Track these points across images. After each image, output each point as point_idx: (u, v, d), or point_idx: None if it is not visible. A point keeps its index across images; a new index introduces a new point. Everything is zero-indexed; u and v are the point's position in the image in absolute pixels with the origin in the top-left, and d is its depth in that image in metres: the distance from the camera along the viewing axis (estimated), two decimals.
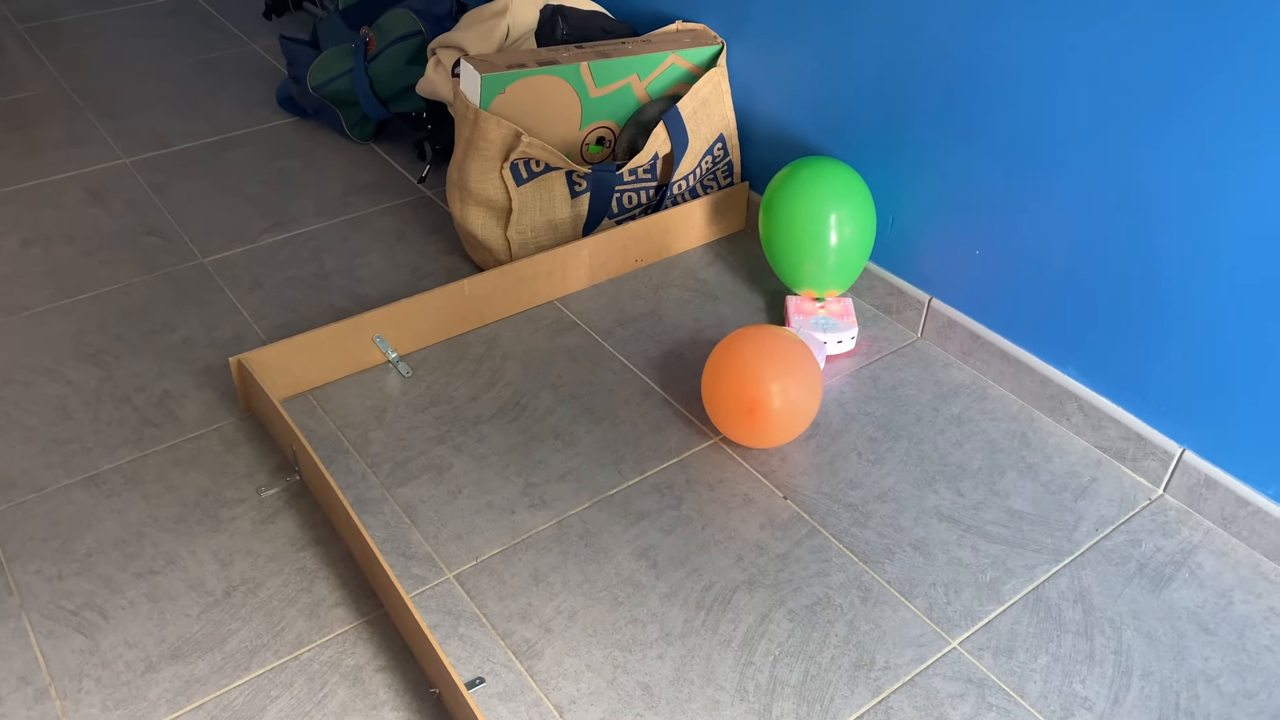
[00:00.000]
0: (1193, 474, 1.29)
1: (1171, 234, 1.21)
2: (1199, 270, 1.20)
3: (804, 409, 1.31)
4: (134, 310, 1.61)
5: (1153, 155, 1.19)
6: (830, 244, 1.50)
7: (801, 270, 1.53)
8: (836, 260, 1.51)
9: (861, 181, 1.52)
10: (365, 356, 1.49)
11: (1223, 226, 1.15)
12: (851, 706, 1.07)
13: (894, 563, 1.23)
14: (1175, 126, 1.16)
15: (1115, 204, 1.25)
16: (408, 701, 1.07)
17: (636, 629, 1.15)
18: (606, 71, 1.60)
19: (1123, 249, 1.27)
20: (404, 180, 1.95)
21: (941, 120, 1.41)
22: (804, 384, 1.30)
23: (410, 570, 1.20)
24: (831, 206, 1.49)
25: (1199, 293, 1.21)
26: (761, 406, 1.28)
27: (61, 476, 1.32)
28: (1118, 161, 1.23)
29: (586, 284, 1.67)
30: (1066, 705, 1.08)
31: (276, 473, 1.33)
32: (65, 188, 1.91)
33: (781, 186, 1.53)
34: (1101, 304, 1.32)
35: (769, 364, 1.29)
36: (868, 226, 1.51)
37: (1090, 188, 1.27)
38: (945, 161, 1.43)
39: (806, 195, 1.50)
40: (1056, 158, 1.29)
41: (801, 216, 1.50)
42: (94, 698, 1.07)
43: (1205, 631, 1.16)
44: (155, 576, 1.19)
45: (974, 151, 1.39)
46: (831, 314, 1.53)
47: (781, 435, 1.32)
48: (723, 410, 1.32)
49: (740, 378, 1.29)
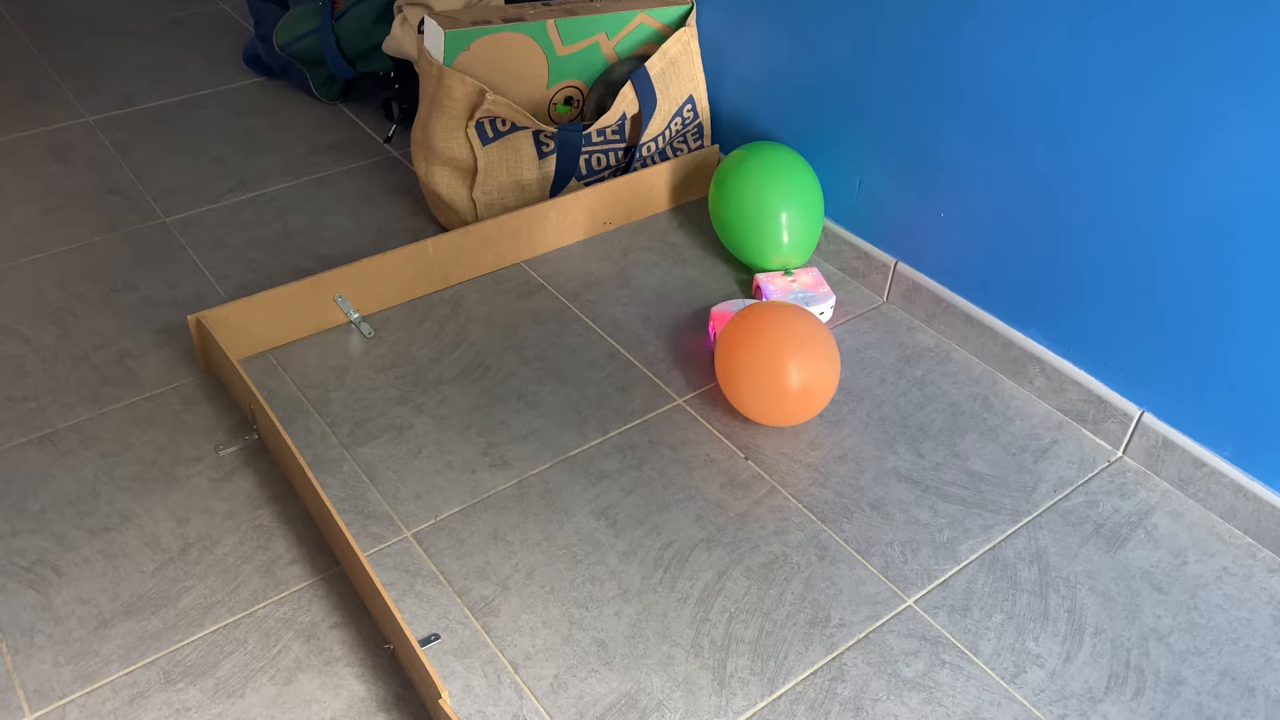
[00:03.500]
0: (1151, 436, 1.29)
1: (1133, 199, 1.21)
2: (1160, 234, 1.20)
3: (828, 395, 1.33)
4: (94, 269, 1.59)
5: (1117, 119, 1.18)
6: (783, 241, 1.52)
7: (763, 258, 1.55)
8: (791, 243, 1.53)
9: (795, 156, 1.55)
10: (327, 316, 1.47)
11: (1184, 192, 1.15)
12: (806, 663, 1.08)
13: (852, 522, 1.23)
14: (1139, 90, 1.15)
15: (1079, 168, 1.25)
16: (362, 658, 1.07)
17: (594, 586, 1.15)
18: (574, 29, 1.58)
19: (1087, 213, 1.27)
20: (370, 140, 1.93)
21: (908, 82, 1.40)
22: (835, 370, 1.33)
23: (368, 529, 1.20)
24: (774, 205, 1.51)
25: (1160, 257, 1.21)
26: (814, 390, 1.29)
27: (16, 434, 1.30)
28: (1082, 125, 1.22)
29: (553, 246, 1.66)
30: (1019, 662, 1.09)
31: (235, 431, 1.32)
32: (26, 145, 1.88)
33: (721, 189, 1.56)
34: (1064, 268, 1.32)
35: (817, 349, 1.29)
36: (814, 207, 1.54)
37: (1054, 152, 1.26)
38: (911, 124, 1.43)
39: (745, 199, 1.52)
40: (1021, 121, 1.29)
41: (748, 217, 1.52)
42: (45, 653, 1.06)
43: (1158, 590, 1.17)
44: (110, 533, 1.18)
45: (940, 114, 1.38)
46: (806, 286, 1.52)
47: (807, 415, 1.33)
48: (765, 388, 1.28)
49: (798, 359, 1.27)
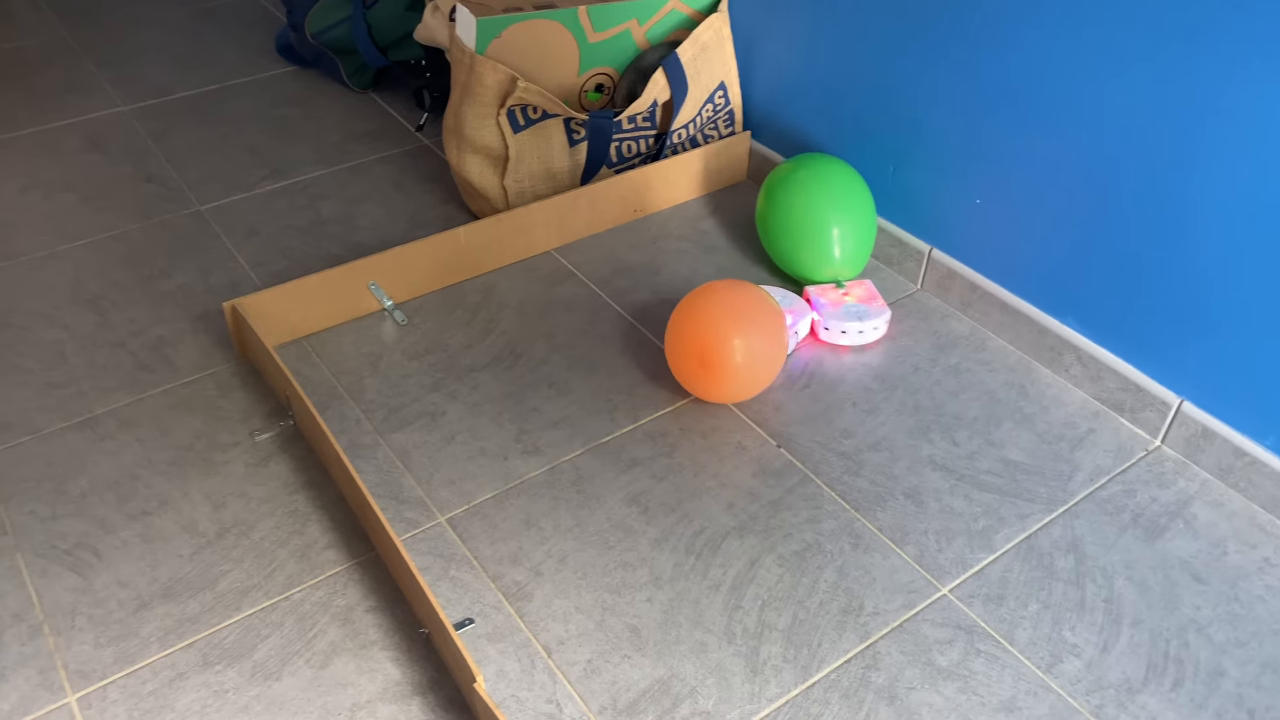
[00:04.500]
0: (1191, 425, 1.27)
1: (1171, 183, 1.19)
2: (1199, 219, 1.18)
3: (760, 363, 1.29)
4: (131, 257, 1.61)
5: (1153, 104, 1.17)
6: (834, 255, 1.48)
7: (813, 270, 1.50)
8: (844, 257, 1.49)
9: (845, 167, 1.51)
10: (361, 304, 1.48)
11: (1223, 176, 1.13)
12: (839, 651, 1.08)
13: (885, 510, 1.22)
14: (1176, 73, 1.13)
15: (1115, 153, 1.23)
16: (396, 641, 1.08)
17: (626, 573, 1.15)
18: (605, 16, 1.58)
19: (1122, 198, 1.25)
20: (402, 128, 1.94)
21: (943, 67, 1.39)
22: (763, 339, 1.28)
23: (402, 514, 1.21)
24: (830, 219, 1.47)
25: (1199, 243, 1.19)
26: (714, 358, 1.27)
27: (57, 419, 1.32)
28: (1118, 110, 1.20)
29: (584, 234, 1.66)
30: (1055, 652, 1.08)
31: (270, 417, 1.33)
32: (64, 135, 1.90)
33: (772, 200, 1.51)
34: (1101, 254, 1.30)
35: (725, 315, 1.27)
36: (868, 218, 1.49)
37: (1091, 136, 1.25)
38: (947, 109, 1.41)
39: (795, 211, 1.48)
40: (1057, 105, 1.27)
41: (798, 229, 1.48)
42: (86, 634, 1.08)
43: (1198, 581, 1.15)
44: (148, 517, 1.20)
45: (973, 100, 1.36)
46: (860, 300, 1.46)
47: (736, 389, 1.30)
48: (679, 362, 1.31)
49: (695, 328, 1.28)
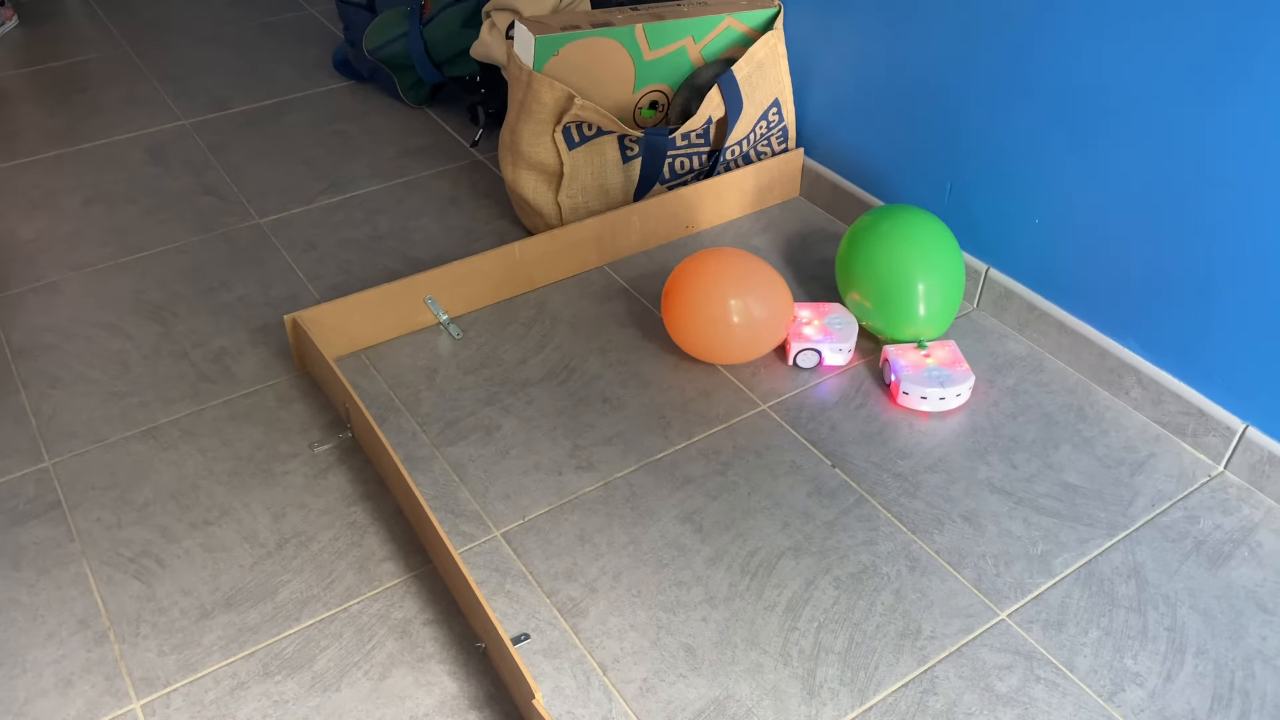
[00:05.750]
0: (1256, 451, 1.25)
1: (1233, 204, 1.17)
2: (1261, 242, 1.16)
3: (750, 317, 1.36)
4: (192, 268, 1.64)
5: (1215, 124, 1.15)
6: (920, 313, 1.40)
7: (894, 328, 1.42)
8: (928, 315, 1.40)
9: (943, 228, 1.42)
10: (417, 317, 1.50)
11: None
12: (896, 675, 1.07)
13: (943, 533, 1.21)
14: (1237, 94, 1.11)
15: (1176, 174, 1.21)
16: (454, 655, 1.08)
17: (681, 591, 1.15)
18: (661, 34, 1.58)
19: (1184, 219, 1.23)
20: (457, 144, 1.96)
21: (1002, 84, 1.38)
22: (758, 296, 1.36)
23: (458, 527, 1.22)
24: (918, 276, 1.38)
25: (1262, 265, 1.17)
26: (675, 289, 1.37)
27: (121, 429, 1.35)
28: (1180, 130, 1.19)
29: (637, 249, 1.66)
30: (1117, 680, 1.06)
31: (329, 429, 1.35)
32: (127, 148, 1.95)
33: (854, 250, 1.44)
34: (1163, 275, 1.28)
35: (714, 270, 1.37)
36: (956, 279, 1.41)
37: (1152, 156, 1.23)
38: (1006, 128, 1.40)
39: (878, 263, 1.40)
40: (1118, 125, 1.26)
41: (881, 282, 1.40)
42: (150, 642, 1.09)
43: (1264, 611, 1.13)
44: (210, 527, 1.22)
45: (1034, 118, 1.35)
46: (942, 363, 1.38)
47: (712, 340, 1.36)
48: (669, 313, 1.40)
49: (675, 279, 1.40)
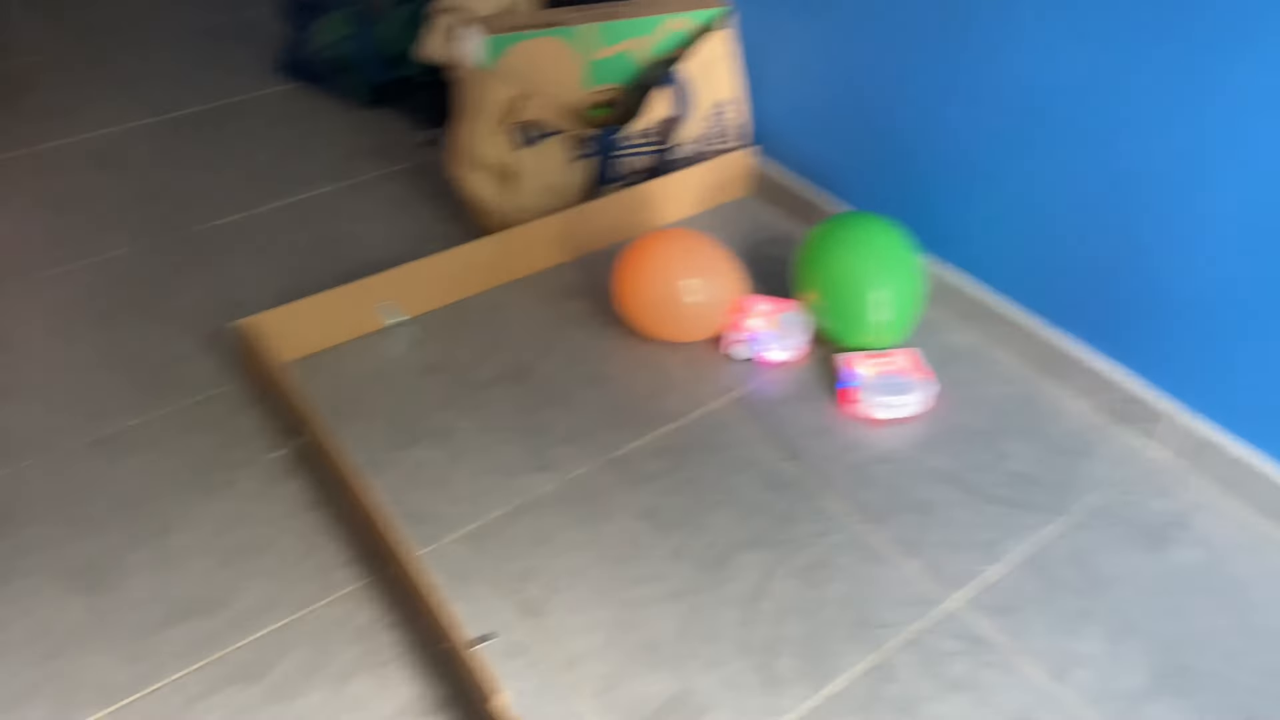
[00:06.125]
0: (1193, 435, 1.29)
1: (1174, 195, 1.21)
2: (1200, 232, 1.20)
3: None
4: (140, 275, 1.62)
5: (1148, 118, 1.18)
6: (874, 321, 1.39)
7: (850, 334, 1.42)
8: (884, 322, 1.39)
9: (889, 227, 1.42)
10: (370, 320, 1.49)
11: (1220, 188, 1.15)
12: (852, 662, 1.09)
13: (895, 523, 1.24)
14: (1171, 89, 1.15)
15: (1120, 167, 1.25)
16: (415, 659, 1.09)
17: (640, 587, 1.16)
18: (610, 33, 1.59)
19: (1126, 211, 1.27)
20: (407, 145, 1.95)
21: (945, 77, 1.41)
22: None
23: (417, 531, 1.22)
24: (873, 284, 1.39)
25: (1201, 255, 1.21)
26: (629, 256, 1.42)
27: (70, 439, 1.33)
28: (1116, 126, 1.22)
29: (589, 249, 1.67)
30: (1063, 662, 1.09)
31: (283, 435, 1.34)
32: (70, 153, 1.91)
33: (811, 259, 1.45)
34: (1105, 266, 1.32)
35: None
36: (914, 283, 1.42)
37: (1092, 148, 1.27)
38: (948, 119, 1.43)
39: (833, 271, 1.41)
40: (1058, 119, 1.29)
41: (836, 291, 1.41)
42: (103, 656, 1.08)
43: (1203, 591, 1.17)
44: (163, 537, 1.21)
45: (977, 110, 1.38)
46: (899, 371, 1.37)
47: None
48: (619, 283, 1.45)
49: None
